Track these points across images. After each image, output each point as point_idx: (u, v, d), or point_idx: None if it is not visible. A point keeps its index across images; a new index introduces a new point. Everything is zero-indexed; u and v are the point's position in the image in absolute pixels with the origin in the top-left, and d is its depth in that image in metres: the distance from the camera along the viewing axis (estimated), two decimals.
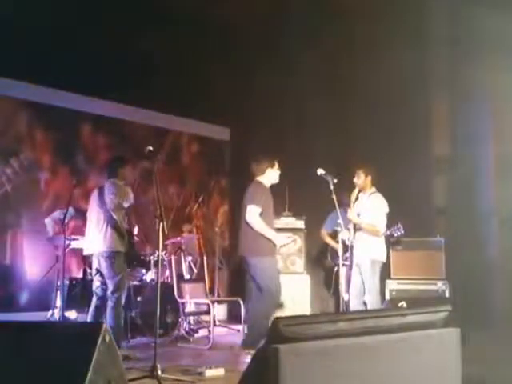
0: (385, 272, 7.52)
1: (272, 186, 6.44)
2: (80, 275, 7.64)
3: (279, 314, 5.84)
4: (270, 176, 6.12)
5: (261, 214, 5.82)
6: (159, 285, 5.12)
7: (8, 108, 8.17)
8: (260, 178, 6.10)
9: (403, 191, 7.64)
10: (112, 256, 6.02)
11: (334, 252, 7.33)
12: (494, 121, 7.76)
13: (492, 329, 6.93)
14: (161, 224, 5.08)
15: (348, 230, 6.48)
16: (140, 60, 8.20)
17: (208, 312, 7.42)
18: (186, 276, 8.16)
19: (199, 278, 8.37)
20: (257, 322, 5.71)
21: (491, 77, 7.34)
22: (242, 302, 7.34)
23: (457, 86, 8.00)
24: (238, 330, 7.74)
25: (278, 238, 5.96)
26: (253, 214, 5.81)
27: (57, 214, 7.43)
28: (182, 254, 8.20)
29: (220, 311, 9.01)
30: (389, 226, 6.47)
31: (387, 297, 7.45)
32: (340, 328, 2.77)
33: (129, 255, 6.35)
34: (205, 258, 8.78)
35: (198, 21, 8.19)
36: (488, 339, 6.37)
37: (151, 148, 5.33)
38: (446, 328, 3.20)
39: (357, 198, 6.60)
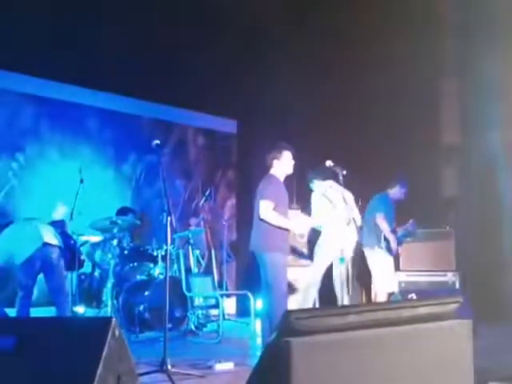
0: (394, 264, 7.52)
1: None
2: (89, 270, 7.63)
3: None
4: (280, 168, 6.05)
5: (274, 208, 5.77)
6: (168, 279, 5.10)
7: (13, 102, 8.16)
8: (272, 171, 6.06)
9: (412, 182, 7.60)
10: None
11: None
12: (505, 108, 7.68)
13: (503, 320, 6.89)
14: (168, 218, 5.06)
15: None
16: (145, 54, 8.17)
17: (217, 306, 7.42)
18: (194, 270, 8.15)
19: (207, 272, 8.36)
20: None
21: (502, 62, 7.28)
22: (251, 296, 7.34)
23: (467, 72, 7.93)
24: (248, 324, 7.75)
25: (296, 227, 5.93)
26: (265, 209, 5.77)
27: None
28: (189, 248, 8.19)
29: (229, 305, 9.00)
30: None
31: (396, 289, 7.43)
32: (351, 320, 2.75)
33: None
34: (213, 251, 8.78)
35: (203, 12, 8.17)
36: (498, 331, 6.34)
37: (158, 141, 5.32)
38: (457, 319, 3.17)
39: None
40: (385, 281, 7.35)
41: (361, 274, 7.49)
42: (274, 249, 5.76)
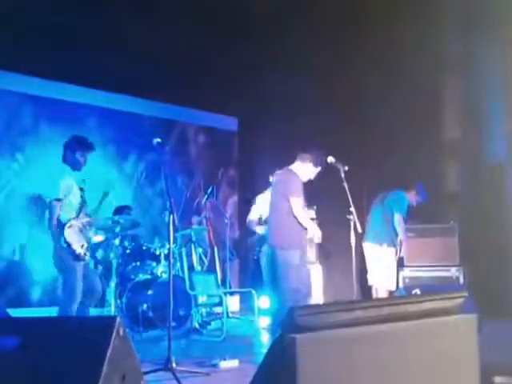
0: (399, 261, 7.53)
1: None
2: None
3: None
4: (307, 170, 6.00)
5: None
6: (172, 277, 5.10)
7: (13, 102, 8.15)
8: (295, 169, 6.03)
9: (415, 177, 7.60)
10: None
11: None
12: (508, 103, 7.64)
13: (507, 316, 6.86)
14: (171, 216, 5.06)
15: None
16: (145, 51, 8.15)
17: (220, 304, 7.43)
18: (197, 268, 8.16)
19: (210, 270, 8.37)
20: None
21: (506, 57, 7.24)
22: (255, 293, 7.35)
23: (470, 66, 7.90)
24: (252, 321, 7.75)
25: (318, 233, 5.95)
26: (300, 207, 5.78)
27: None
28: (192, 246, 8.19)
29: (232, 303, 9.00)
30: None
31: (400, 284, 7.43)
32: (356, 316, 2.74)
33: None
34: (215, 249, 8.78)
35: (203, 11, 8.15)
36: (503, 326, 6.31)
37: (159, 140, 5.32)
38: (462, 314, 3.16)
39: None
40: (388, 279, 7.35)
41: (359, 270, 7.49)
42: (297, 246, 5.77)
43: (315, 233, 5.92)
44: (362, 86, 8.28)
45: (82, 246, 5.58)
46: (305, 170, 5.98)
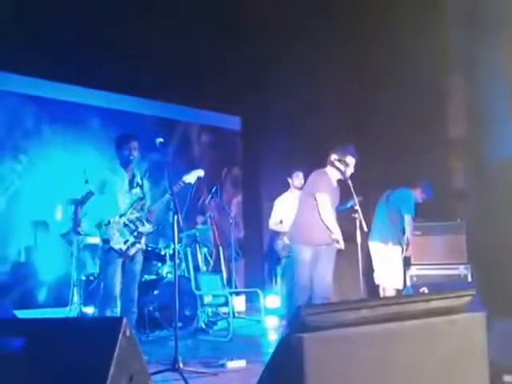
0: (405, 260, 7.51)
1: None
2: (97, 271, 7.63)
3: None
4: (337, 170, 6.00)
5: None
6: (177, 278, 5.09)
7: (15, 103, 8.15)
8: (327, 169, 6.05)
9: (421, 174, 7.57)
10: None
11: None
12: None
13: None
14: (175, 217, 5.05)
15: None
16: (146, 50, 8.13)
17: (226, 304, 7.41)
18: (203, 268, 8.15)
19: (216, 270, 8.36)
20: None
21: (510, 52, 7.21)
22: (261, 293, 7.34)
23: (477, 64, 7.86)
24: (258, 321, 7.73)
25: (340, 236, 5.94)
26: (325, 204, 5.79)
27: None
28: (197, 246, 8.18)
29: (238, 302, 8.99)
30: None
31: (408, 283, 7.40)
32: (363, 315, 2.73)
33: None
34: (220, 249, 8.76)
35: (204, 10, 8.15)
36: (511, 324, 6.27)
37: (162, 140, 5.31)
38: (470, 313, 3.14)
39: None
40: (394, 277, 7.33)
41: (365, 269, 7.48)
42: (308, 241, 5.80)
43: (337, 236, 5.90)
44: (368, 85, 8.25)
45: (126, 241, 5.54)
46: (336, 170, 6.00)
